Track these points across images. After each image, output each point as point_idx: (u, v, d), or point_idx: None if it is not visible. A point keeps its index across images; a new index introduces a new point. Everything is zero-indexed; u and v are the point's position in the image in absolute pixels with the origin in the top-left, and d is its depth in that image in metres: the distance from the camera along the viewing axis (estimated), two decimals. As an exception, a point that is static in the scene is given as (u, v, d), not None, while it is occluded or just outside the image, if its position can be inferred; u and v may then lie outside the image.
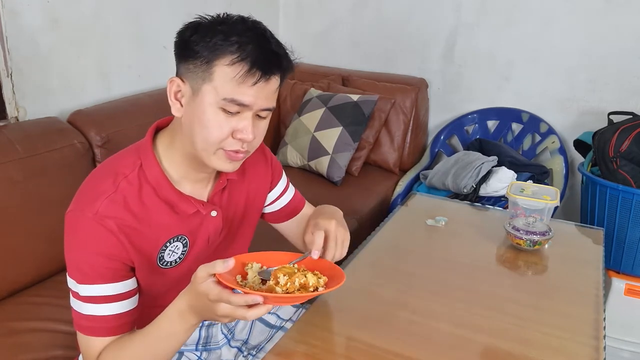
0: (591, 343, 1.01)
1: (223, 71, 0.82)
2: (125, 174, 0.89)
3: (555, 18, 2.30)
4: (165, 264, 0.95)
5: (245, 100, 0.83)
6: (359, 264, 1.29)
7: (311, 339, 1.02)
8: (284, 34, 2.95)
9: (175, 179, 0.93)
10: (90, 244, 0.85)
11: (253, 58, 0.82)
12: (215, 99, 0.83)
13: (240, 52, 0.82)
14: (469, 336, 1.02)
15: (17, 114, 1.65)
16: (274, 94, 0.88)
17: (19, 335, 1.30)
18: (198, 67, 0.83)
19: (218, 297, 0.76)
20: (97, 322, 0.87)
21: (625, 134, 1.89)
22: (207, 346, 1.12)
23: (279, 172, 1.16)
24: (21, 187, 1.43)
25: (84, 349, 0.91)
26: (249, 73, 0.82)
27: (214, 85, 0.83)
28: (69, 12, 1.72)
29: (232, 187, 1.02)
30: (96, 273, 0.86)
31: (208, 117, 0.84)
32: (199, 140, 0.86)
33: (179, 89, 0.87)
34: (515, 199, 1.42)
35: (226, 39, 0.82)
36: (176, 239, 0.94)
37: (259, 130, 0.88)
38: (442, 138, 2.63)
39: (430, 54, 2.61)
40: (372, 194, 2.29)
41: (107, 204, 0.85)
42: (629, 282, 1.92)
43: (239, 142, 0.86)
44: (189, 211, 0.93)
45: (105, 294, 0.87)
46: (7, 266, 1.41)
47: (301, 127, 2.39)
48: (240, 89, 0.82)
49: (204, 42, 0.82)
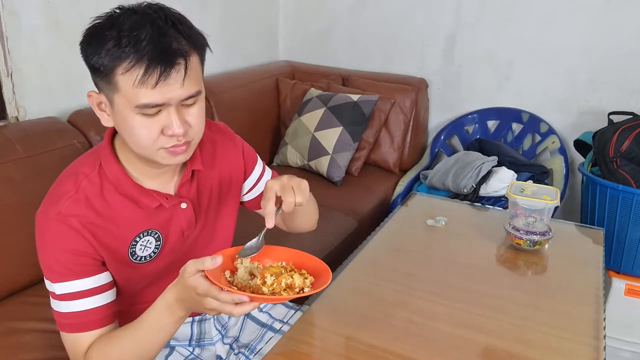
0: (591, 343, 1.01)
1: (123, 80, 0.79)
2: (86, 174, 0.90)
3: (555, 18, 2.30)
4: (139, 259, 0.96)
5: (156, 100, 0.80)
6: (359, 264, 1.29)
7: (311, 339, 1.02)
8: (284, 34, 2.95)
9: (135, 176, 0.94)
10: (57, 242, 0.87)
11: (148, 57, 0.77)
12: (129, 107, 0.81)
13: (133, 54, 0.77)
14: (469, 336, 1.02)
15: (17, 113, 1.65)
16: (191, 79, 0.82)
17: (19, 335, 1.30)
18: (103, 80, 0.82)
19: (206, 292, 0.77)
20: (76, 318, 0.89)
21: (626, 134, 1.89)
22: (200, 342, 1.12)
23: (252, 159, 1.15)
24: (21, 187, 1.43)
25: (69, 349, 0.91)
26: (147, 75, 0.78)
27: (121, 95, 0.81)
28: (69, 12, 1.72)
29: (200, 177, 1.02)
30: (67, 270, 0.87)
31: (131, 125, 0.83)
32: (134, 147, 0.86)
33: (99, 101, 0.87)
34: (515, 199, 1.42)
35: (117, 44, 0.78)
36: (146, 233, 0.95)
37: (192, 117, 0.86)
38: (442, 138, 2.63)
39: (430, 53, 2.61)
40: (372, 194, 2.29)
41: (70, 203, 0.87)
42: (629, 282, 1.92)
43: (172, 138, 0.84)
44: (152, 205, 0.94)
45: (79, 290, 0.88)
46: (7, 266, 1.41)
47: (301, 127, 2.39)
48: (144, 92, 0.79)
49: (98, 54, 0.79)
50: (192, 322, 1.12)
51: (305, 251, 0.93)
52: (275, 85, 2.61)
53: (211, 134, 1.08)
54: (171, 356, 1.09)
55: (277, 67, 2.76)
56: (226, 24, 2.51)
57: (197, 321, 1.12)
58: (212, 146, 1.06)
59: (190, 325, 1.11)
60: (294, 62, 2.88)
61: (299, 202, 0.88)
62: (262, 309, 1.19)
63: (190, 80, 0.82)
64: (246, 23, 2.67)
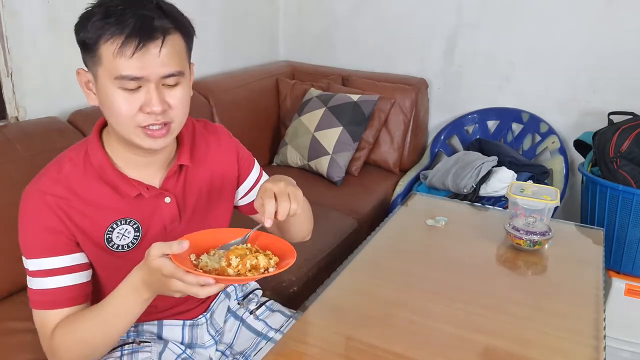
0: (591, 343, 1.01)
1: (105, 50, 0.83)
2: (71, 158, 0.94)
3: (555, 18, 2.30)
4: (117, 247, 0.96)
5: (133, 72, 0.82)
6: (359, 264, 1.29)
7: (311, 339, 1.02)
8: (284, 34, 2.95)
9: (120, 165, 0.96)
10: (32, 218, 0.91)
11: (129, 28, 0.81)
12: (110, 80, 0.84)
13: (116, 26, 0.81)
14: (469, 336, 1.02)
15: (17, 113, 1.65)
16: (171, 58, 0.85)
17: (19, 335, 1.30)
18: (89, 53, 0.85)
19: (171, 273, 0.78)
20: (46, 295, 0.90)
21: (626, 134, 1.89)
22: (192, 346, 1.11)
23: (248, 164, 1.15)
24: (21, 187, 1.41)
25: (38, 326, 0.93)
26: (126, 42, 0.81)
27: (104, 67, 0.84)
28: (69, 12, 1.72)
29: (188, 174, 1.02)
30: (40, 246, 0.90)
31: (111, 99, 0.85)
32: (114, 123, 0.89)
33: (87, 79, 0.90)
34: (515, 199, 1.42)
35: (104, 17, 0.82)
36: (124, 221, 0.96)
37: (174, 99, 0.88)
38: (442, 138, 2.63)
39: (430, 54, 2.61)
40: (372, 194, 2.29)
41: (49, 182, 0.91)
42: (629, 282, 1.92)
43: (151, 116, 0.86)
44: (131, 193, 0.95)
45: (50, 267, 0.90)
46: (7, 266, 1.41)
47: (301, 127, 2.39)
48: (122, 62, 0.82)
49: (85, 29, 0.84)
50: (183, 325, 1.10)
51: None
52: (275, 85, 2.61)
53: (206, 133, 1.08)
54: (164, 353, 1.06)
55: (277, 67, 2.76)
56: (226, 24, 2.51)
57: (189, 325, 1.10)
58: (206, 145, 1.06)
59: (182, 329, 1.09)
60: (294, 62, 2.88)
61: (293, 210, 0.87)
62: (259, 316, 1.17)
63: (170, 57, 0.85)
64: (246, 23, 2.67)
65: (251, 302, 1.21)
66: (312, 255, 1.74)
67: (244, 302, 1.21)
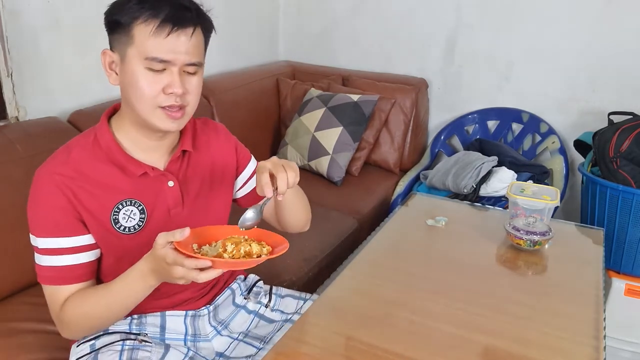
0: (591, 343, 1.01)
1: (140, 31, 0.90)
2: (80, 142, 1.01)
3: (555, 18, 2.30)
4: (124, 229, 1.01)
5: (162, 55, 0.91)
6: (359, 264, 1.29)
7: (311, 339, 1.02)
8: (284, 34, 2.95)
9: (126, 147, 1.02)
10: (42, 197, 0.95)
11: (165, 13, 0.90)
12: (140, 60, 0.91)
13: (152, 10, 0.90)
14: (469, 336, 1.02)
15: (18, 113, 1.65)
16: (195, 48, 0.94)
17: (19, 335, 1.30)
18: (121, 34, 0.92)
19: (174, 260, 0.84)
20: (56, 271, 0.96)
21: (626, 134, 1.89)
22: (195, 340, 1.12)
23: (245, 156, 1.21)
24: (21, 187, 1.42)
25: (49, 299, 0.99)
26: (161, 25, 0.90)
27: (136, 47, 0.91)
28: (70, 11, 1.72)
29: (190, 159, 1.09)
30: (49, 225, 0.95)
31: (137, 78, 0.92)
32: (135, 102, 0.95)
33: (111, 60, 0.96)
34: (515, 199, 1.42)
35: (139, 2, 0.90)
36: (129, 202, 1.01)
37: (191, 85, 0.96)
38: (442, 138, 2.63)
39: (430, 53, 2.61)
40: (372, 194, 2.29)
41: (58, 163, 0.97)
42: (629, 282, 1.92)
43: (172, 97, 0.94)
44: (137, 172, 1.01)
45: (60, 247, 0.96)
46: (7, 266, 1.41)
47: (301, 127, 2.39)
48: (157, 43, 0.90)
49: (121, 11, 0.92)
50: (185, 316, 1.12)
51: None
52: (275, 85, 2.62)
53: (207, 129, 1.15)
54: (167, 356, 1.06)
55: (278, 67, 2.76)
56: (226, 24, 2.51)
57: (191, 316, 1.13)
58: (206, 137, 1.13)
59: (184, 319, 1.12)
60: (294, 62, 2.88)
61: (291, 179, 0.93)
62: (273, 308, 1.22)
63: (195, 48, 0.94)
64: (246, 23, 2.67)
65: (258, 294, 1.24)
66: (312, 255, 1.74)
67: (250, 295, 1.23)
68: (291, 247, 1.24)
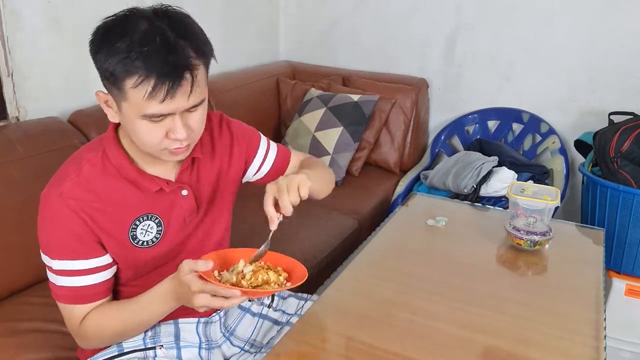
0: (591, 343, 1.01)
1: (132, 93, 0.83)
2: (89, 159, 0.95)
3: (555, 18, 2.30)
4: (142, 243, 0.99)
5: (162, 111, 0.85)
6: (359, 264, 1.29)
7: (311, 339, 1.02)
8: (284, 34, 2.95)
9: (137, 162, 0.98)
10: (57, 222, 0.92)
11: (157, 72, 0.80)
12: (137, 115, 0.85)
13: (143, 69, 0.80)
14: (469, 336, 1.02)
15: (18, 113, 1.65)
16: (195, 92, 0.86)
17: (19, 335, 1.30)
18: (111, 87, 0.86)
19: (200, 289, 0.85)
20: (73, 291, 0.95)
21: (626, 134, 1.89)
22: (209, 347, 1.12)
23: (254, 141, 1.18)
24: (21, 187, 1.43)
25: (66, 316, 0.98)
26: (155, 90, 0.81)
27: (130, 104, 0.85)
28: (70, 12, 1.72)
29: (200, 166, 1.06)
30: (66, 249, 0.92)
31: (137, 129, 0.87)
32: (140, 145, 0.92)
33: (106, 99, 0.90)
34: (515, 199, 1.42)
35: (127, 57, 0.80)
36: (146, 217, 0.99)
37: (194, 122, 0.90)
38: (442, 138, 2.63)
39: (430, 54, 2.61)
40: (372, 194, 2.29)
41: (72, 185, 0.92)
42: (630, 282, 1.92)
43: (176, 142, 0.90)
44: (152, 188, 0.98)
45: (76, 269, 0.94)
46: (7, 266, 1.42)
47: (301, 127, 2.39)
48: (152, 105, 0.83)
49: (108, 63, 0.82)
50: (198, 323, 1.12)
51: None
52: (275, 86, 2.61)
53: (210, 125, 1.10)
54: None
55: (278, 67, 2.76)
56: (226, 24, 2.51)
57: (203, 323, 1.13)
58: (210, 136, 1.09)
59: (196, 326, 1.12)
60: (294, 62, 2.88)
61: (293, 201, 0.91)
62: (275, 308, 1.21)
63: (196, 90, 0.86)
64: (246, 23, 2.67)
65: None
66: (312, 255, 1.74)
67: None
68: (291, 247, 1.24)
